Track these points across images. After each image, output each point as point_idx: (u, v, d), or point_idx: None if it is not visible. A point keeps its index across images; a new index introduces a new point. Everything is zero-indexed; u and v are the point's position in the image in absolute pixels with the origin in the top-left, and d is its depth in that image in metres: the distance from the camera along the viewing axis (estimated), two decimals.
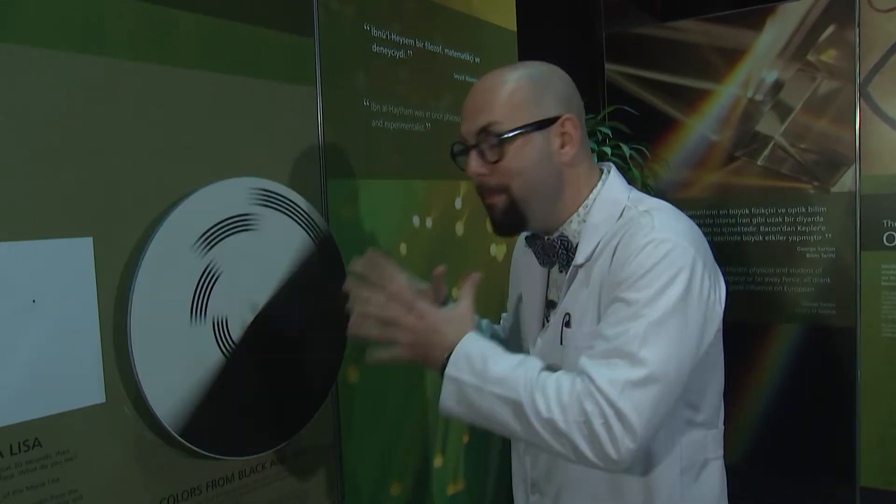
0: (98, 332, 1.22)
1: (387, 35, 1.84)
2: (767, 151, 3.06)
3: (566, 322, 1.12)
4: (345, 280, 1.13)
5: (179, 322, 1.33)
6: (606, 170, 1.17)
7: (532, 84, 1.09)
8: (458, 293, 1.11)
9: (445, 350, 1.02)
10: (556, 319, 1.14)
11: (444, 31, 2.05)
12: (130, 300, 1.24)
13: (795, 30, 2.96)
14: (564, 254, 1.13)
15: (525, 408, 0.95)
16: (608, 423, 0.92)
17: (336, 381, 1.67)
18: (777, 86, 3.01)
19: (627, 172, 2.95)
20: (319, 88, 1.65)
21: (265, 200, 1.49)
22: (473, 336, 1.03)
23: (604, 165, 1.19)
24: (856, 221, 2.87)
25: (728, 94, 3.12)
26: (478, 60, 2.15)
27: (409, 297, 1.05)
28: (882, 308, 2.83)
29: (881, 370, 2.84)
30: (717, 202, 3.19)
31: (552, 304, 1.19)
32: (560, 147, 1.10)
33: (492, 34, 2.25)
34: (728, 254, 3.14)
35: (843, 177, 2.90)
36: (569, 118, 1.09)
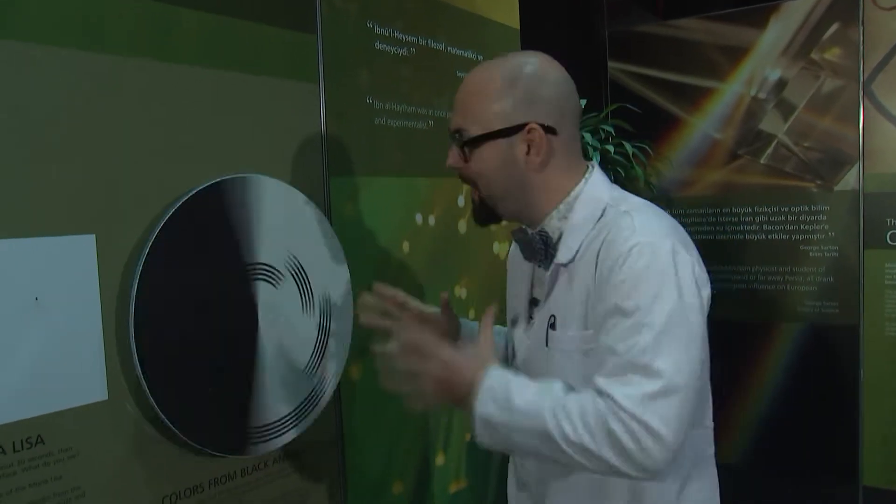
0: (100, 330, 1.22)
1: (390, 32, 1.84)
2: (770, 150, 3.05)
3: (551, 324, 1.12)
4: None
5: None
6: (590, 167, 1.17)
7: (503, 90, 1.10)
8: (478, 326, 1.12)
9: (470, 388, 1.02)
10: (541, 320, 1.15)
11: (448, 29, 2.04)
12: (132, 297, 1.24)
13: (799, 28, 2.95)
14: (543, 249, 1.14)
15: (554, 435, 0.96)
16: (636, 438, 0.92)
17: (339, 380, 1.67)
18: (780, 84, 3.00)
19: (630, 170, 2.95)
20: (322, 86, 1.65)
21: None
22: (495, 371, 1.03)
23: (587, 163, 1.19)
24: (859, 220, 2.86)
25: (731, 93, 3.11)
26: (481, 58, 2.15)
27: (424, 345, 1.05)
28: (885, 307, 2.82)
29: (884, 369, 2.83)
30: (720, 200, 3.18)
31: (535, 302, 1.21)
32: (526, 153, 1.10)
33: (495, 32, 2.24)
34: (731, 252, 3.14)
35: (847, 175, 2.89)
36: (534, 127, 1.09)
